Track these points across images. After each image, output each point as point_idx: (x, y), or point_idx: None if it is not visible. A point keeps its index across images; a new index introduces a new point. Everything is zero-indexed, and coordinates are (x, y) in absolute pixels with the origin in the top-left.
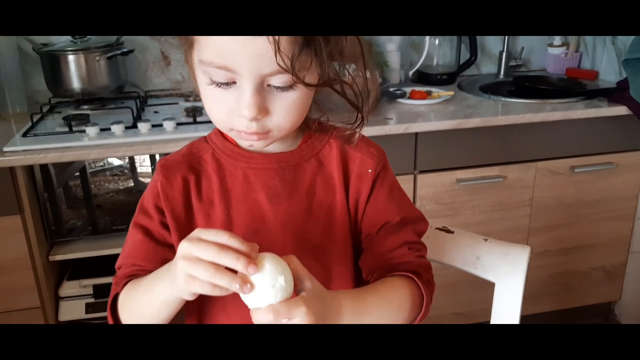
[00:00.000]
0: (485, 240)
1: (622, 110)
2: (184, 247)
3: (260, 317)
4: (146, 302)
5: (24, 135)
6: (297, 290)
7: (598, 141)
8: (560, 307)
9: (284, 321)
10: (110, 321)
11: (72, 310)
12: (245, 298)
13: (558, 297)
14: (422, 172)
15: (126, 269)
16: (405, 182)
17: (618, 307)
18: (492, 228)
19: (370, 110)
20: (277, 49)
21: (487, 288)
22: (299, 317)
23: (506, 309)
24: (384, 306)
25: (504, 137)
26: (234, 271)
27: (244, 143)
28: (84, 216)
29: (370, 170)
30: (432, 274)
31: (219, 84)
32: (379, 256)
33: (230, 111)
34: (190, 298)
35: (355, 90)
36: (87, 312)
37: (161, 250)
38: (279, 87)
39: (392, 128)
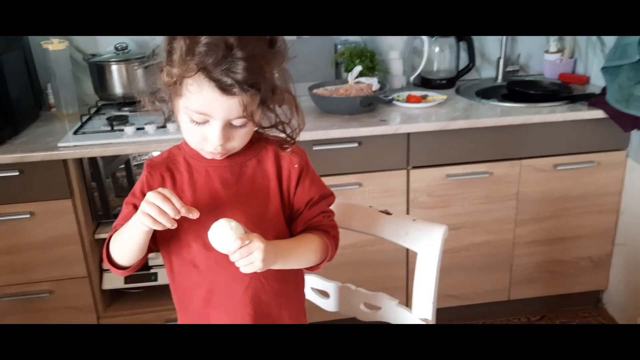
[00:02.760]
0: (414, 220)
1: (599, 113)
2: (147, 196)
3: (231, 244)
4: (125, 234)
5: (75, 132)
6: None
7: (580, 141)
8: (549, 293)
9: (244, 246)
10: (105, 258)
11: (114, 281)
12: (214, 242)
13: (547, 283)
14: (415, 167)
15: (117, 227)
16: (399, 176)
17: (606, 296)
18: (481, 218)
19: (297, 135)
20: (245, 107)
21: (477, 274)
22: (256, 240)
23: (426, 271)
24: (303, 249)
25: (492, 137)
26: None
27: (208, 156)
28: None
29: (296, 166)
30: (337, 231)
31: (196, 122)
32: (305, 222)
33: (202, 139)
34: (146, 228)
35: (292, 126)
36: (125, 282)
37: None
38: (237, 125)
39: (387, 129)
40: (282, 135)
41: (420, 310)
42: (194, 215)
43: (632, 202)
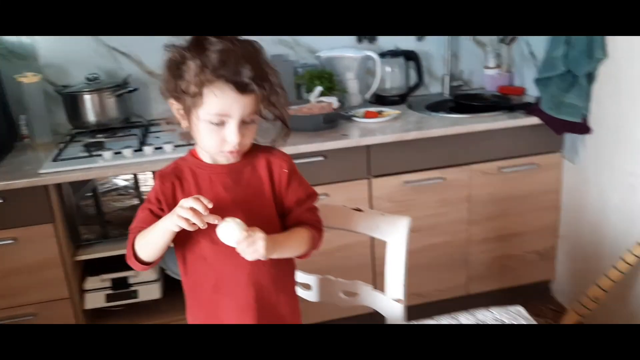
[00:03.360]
0: (382, 215)
1: (535, 120)
2: (182, 201)
3: (238, 236)
4: (152, 234)
5: (54, 160)
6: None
7: (520, 146)
8: (503, 286)
9: (249, 237)
10: (130, 256)
11: (95, 301)
12: (222, 236)
13: (500, 277)
14: (375, 176)
15: (136, 229)
16: (362, 185)
17: (554, 285)
18: (438, 220)
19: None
20: (257, 103)
21: (437, 272)
22: (258, 232)
23: (395, 257)
24: (295, 241)
25: (443, 145)
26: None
27: (223, 159)
28: (102, 224)
29: (285, 170)
30: (322, 225)
31: (216, 125)
32: (295, 218)
33: (221, 141)
34: (177, 229)
35: (285, 116)
36: (107, 301)
37: (157, 220)
38: (248, 122)
39: (348, 142)
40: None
41: (393, 291)
42: (216, 219)
43: (569, 198)
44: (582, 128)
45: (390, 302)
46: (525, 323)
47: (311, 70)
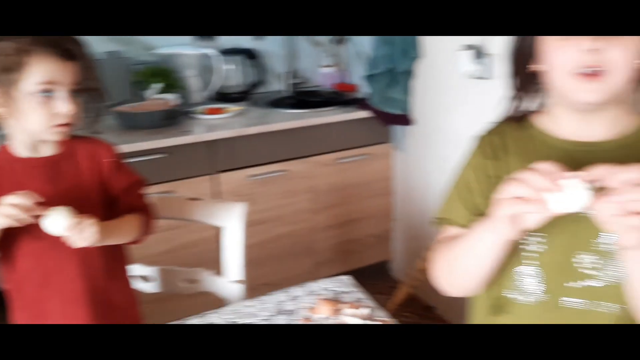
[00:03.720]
0: (218, 202)
1: (366, 114)
2: (3, 198)
3: (66, 224)
4: None
5: None
6: None
7: (355, 138)
8: (348, 269)
9: (79, 226)
10: None
11: None
12: (49, 228)
13: (344, 261)
14: (221, 171)
15: None
16: (208, 181)
17: (392, 264)
18: (284, 211)
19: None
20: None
21: (285, 261)
22: (88, 219)
23: (233, 241)
24: (126, 227)
25: (285, 139)
26: None
27: (53, 137)
28: None
29: (109, 159)
30: (152, 209)
31: (41, 95)
32: (124, 205)
33: (51, 115)
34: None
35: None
36: None
37: None
38: (74, 94)
39: (191, 138)
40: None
41: (233, 274)
42: (43, 211)
43: (400, 184)
44: (406, 120)
45: (230, 284)
46: (348, 290)
47: (149, 67)
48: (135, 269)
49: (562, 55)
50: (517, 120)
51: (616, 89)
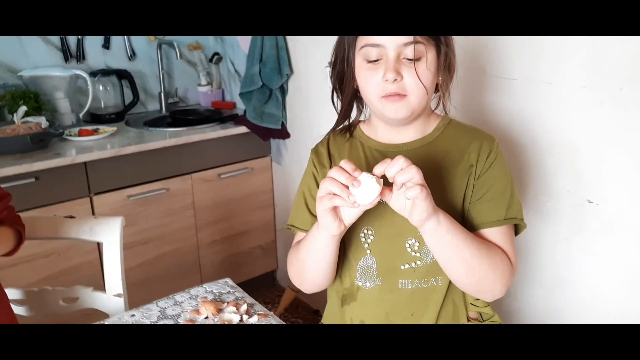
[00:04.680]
0: (95, 217)
1: (244, 129)
2: None
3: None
4: None
5: None
6: None
7: (236, 153)
8: (237, 282)
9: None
10: None
11: None
12: None
13: (233, 274)
14: (97, 193)
15: None
16: (83, 204)
17: (278, 273)
18: (165, 230)
19: None
20: None
21: (172, 280)
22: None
23: (112, 256)
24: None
25: (164, 158)
26: None
27: None
28: None
29: None
30: (21, 220)
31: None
32: None
33: None
34: None
35: None
36: None
37: None
38: None
39: (62, 160)
40: None
41: (113, 288)
42: None
43: (280, 196)
44: (283, 133)
45: (111, 298)
46: (227, 291)
47: (12, 90)
48: (10, 293)
49: (371, 82)
50: (344, 130)
51: (416, 106)
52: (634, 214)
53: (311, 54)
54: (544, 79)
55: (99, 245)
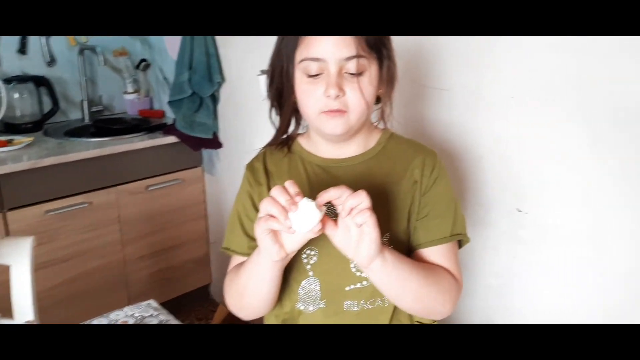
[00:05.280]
0: (2, 238)
1: (173, 139)
2: None
3: None
4: None
5: None
6: None
7: (166, 164)
8: (168, 298)
9: None
10: None
11: None
12: None
13: (163, 290)
14: (11, 209)
15: None
16: None
17: (212, 287)
18: (89, 246)
19: None
20: None
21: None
22: None
23: (21, 279)
24: None
25: (87, 170)
26: None
27: None
28: None
29: None
30: None
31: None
32: None
33: None
34: None
35: None
36: None
37: None
38: None
39: None
40: None
41: (23, 314)
42: None
43: (213, 208)
44: (215, 143)
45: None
46: (150, 314)
47: None
48: None
49: (312, 98)
50: (282, 144)
51: (355, 122)
52: (563, 222)
53: (243, 62)
54: (473, 90)
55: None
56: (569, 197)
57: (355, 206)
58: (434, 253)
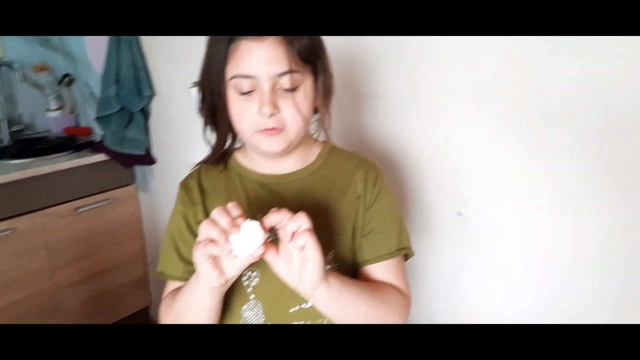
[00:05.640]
0: None
1: (103, 157)
2: None
3: None
4: None
5: None
6: None
7: (96, 183)
8: (106, 323)
9: None
10: None
11: None
12: None
13: (99, 316)
14: None
15: None
16: None
17: (151, 310)
18: (15, 274)
19: None
20: None
21: None
22: None
23: None
24: None
25: (9, 194)
26: None
27: None
28: None
29: None
30: None
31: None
32: None
33: None
34: None
35: None
36: None
37: None
38: None
39: None
40: None
41: None
42: None
43: (149, 226)
44: (147, 159)
45: None
46: None
47: None
48: None
49: (245, 116)
50: (218, 160)
51: (294, 138)
52: (504, 223)
53: (174, 74)
54: (409, 96)
55: None
56: (508, 198)
57: (295, 230)
58: (380, 269)
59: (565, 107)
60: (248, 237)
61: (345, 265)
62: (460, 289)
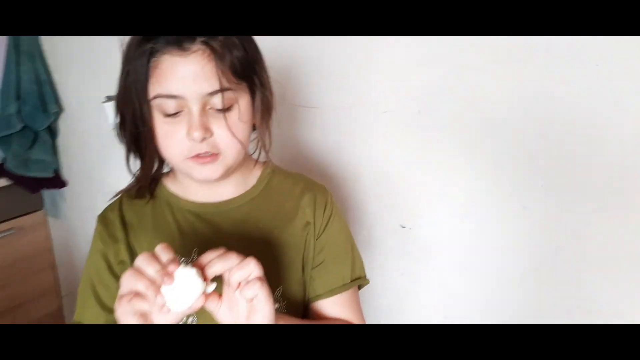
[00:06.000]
0: None
1: (5, 182)
2: None
3: None
4: None
5: None
6: None
7: (1, 211)
8: None
9: None
10: None
11: None
12: None
13: None
14: None
15: None
16: None
17: None
18: None
19: None
20: None
21: None
22: None
23: None
24: None
25: None
26: None
27: None
28: None
29: None
30: None
31: None
32: None
33: None
34: None
35: None
36: None
37: None
38: None
39: None
40: None
41: None
42: None
43: (62, 255)
44: (57, 182)
45: None
46: None
47: None
48: None
49: (172, 141)
50: (143, 189)
51: (233, 162)
52: (447, 236)
53: (84, 87)
54: (344, 105)
55: None
56: (450, 208)
57: (243, 279)
58: (334, 304)
59: (500, 117)
60: (184, 288)
61: (294, 303)
62: (406, 303)
